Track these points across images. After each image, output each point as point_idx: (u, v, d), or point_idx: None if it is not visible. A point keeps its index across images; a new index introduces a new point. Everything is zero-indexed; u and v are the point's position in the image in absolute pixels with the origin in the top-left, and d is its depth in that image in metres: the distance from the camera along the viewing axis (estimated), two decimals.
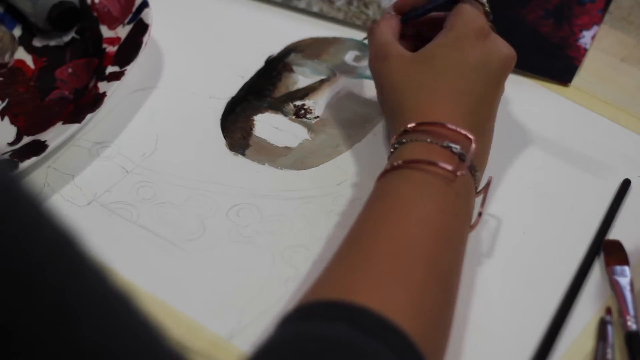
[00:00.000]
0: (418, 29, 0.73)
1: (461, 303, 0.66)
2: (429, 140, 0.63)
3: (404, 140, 0.64)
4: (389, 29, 0.71)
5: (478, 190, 0.66)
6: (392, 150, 0.65)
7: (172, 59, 0.82)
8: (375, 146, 0.75)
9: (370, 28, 0.72)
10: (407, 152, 0.63)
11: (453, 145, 0.62)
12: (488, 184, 0.66)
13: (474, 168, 0.64)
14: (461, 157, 0.63)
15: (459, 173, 0.61)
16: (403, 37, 0.73)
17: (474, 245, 0.69)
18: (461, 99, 0.65)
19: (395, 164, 0.63)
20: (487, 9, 0.70)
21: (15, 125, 0.76)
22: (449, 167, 0.61)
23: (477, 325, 0.65)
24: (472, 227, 0.65)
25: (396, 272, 0.57)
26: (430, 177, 0.62)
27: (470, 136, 0.63)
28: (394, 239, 0.59)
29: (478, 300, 0.66)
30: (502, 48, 0.68)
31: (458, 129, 0.63)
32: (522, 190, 0.73)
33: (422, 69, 0.67)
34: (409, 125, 0.64)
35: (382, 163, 0.73)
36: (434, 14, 0.72)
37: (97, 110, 0.73)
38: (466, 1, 0.69)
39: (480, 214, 0.65)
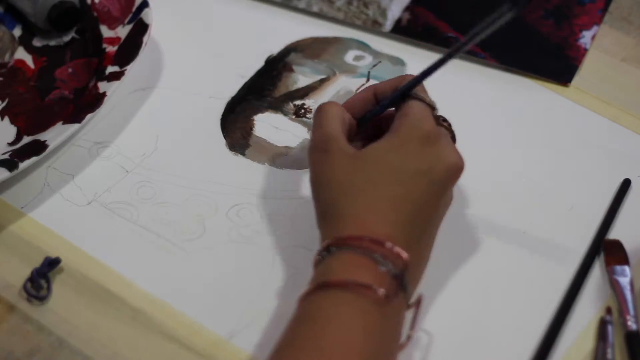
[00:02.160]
0: (374, 126, 0.68)
1: (461, 303, 0.66)
2: (357, 255, 0.58)
3: (332, 249, 0.59)
4: (338, 119, 0.65)
5: (409, 304, 0.61)
6: (317, 257, 0.61)
7: (172, 59, 0.82)
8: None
9: (318, 110, 0.66)
10: (334, 269, 0.59)
11: (384, 265, 0.58)
12: (419, 303, 0.61)
13: (405, 285, 0.59)
14: (393, 274, 0.58)
15: (385, 296, 0.57)
16: (357, 134, 0.68)
17: (477, 245, 0.69)
18: (397, 207, 0.60)
19: (320, 282, 0.58)
20: (436, 112, 0.65)
21: (15, 125, 0.76)
22: (380, 291, 0.57)
23: (477, 325, 0.65)
24: (401, 346, 0.60)
25: None
26: (357, 298, 0.57)
27: (404, 255, 0.59)
28: None
29: (478, 301, 0.66)
30: (449, 156, 0.62)
31: (392, 247, 0.59)
32: (522, 190, 0.73)
33: (360, 170, 0.61)
34: (339, 235, 0.60)
35: None
36: (390, 111, 0.67)
37: (97, 110, 0.73)
38: (414, 101, 0.64)
39: (409, 337, 0.60)
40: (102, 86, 0.75)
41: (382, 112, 0.67)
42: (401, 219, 0.60)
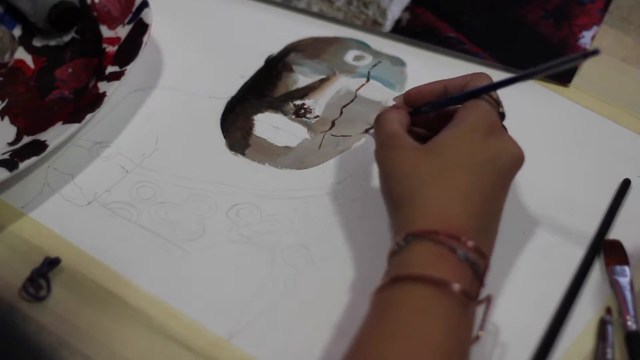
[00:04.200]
0: (425, 120, 0.70)
1: None
2: (435, 247, 0.59)
3: (409, 240, 0.60)
4: (397, 120, 0.67)
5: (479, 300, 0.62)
6: (394, 248, 0.61)
7: (172, 59, 0.82)
8: (374, 146, 0.75)
9: (378, 117, 0.68)
10: (413, 261, 0.59)
11: (464, 257, 0.59)
12: (489, 302, 0.61)
13: (483, 279, 0.60)
14: (473, 268, 0.59)
15: (462, 290, 0.58)
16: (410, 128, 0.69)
17: None
18: (470, 197, 0.62)
19: (399, 275, 0.59)
20: (502, 109, 0.67)
21: (15, 125, 0.76)
22: (456, 286, 0.58)
23: (477, 326, 0.65)
24: (475, 339, 0.60)
25: None
26: (437, 292, 0.58)
27: (482, 250, 0.60)
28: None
29: None
30: (513, 147, 0.64)
31: (467, 241, 0.59)
32: (522, 190, 0.73)
33: (432, 160, 0.63)
34: (416, 228, 0.60)
35: None
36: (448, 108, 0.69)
37: (97, 110, 0.73)
38: (481, 98, 0.66)
39: (481, 329, 0.60)
40: (102, 86, 0.75)
41: (447, 106, 0.68)
42: (473, 210, 0.61)
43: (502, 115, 0.67)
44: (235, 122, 0.77)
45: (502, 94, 0.80)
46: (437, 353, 0.56)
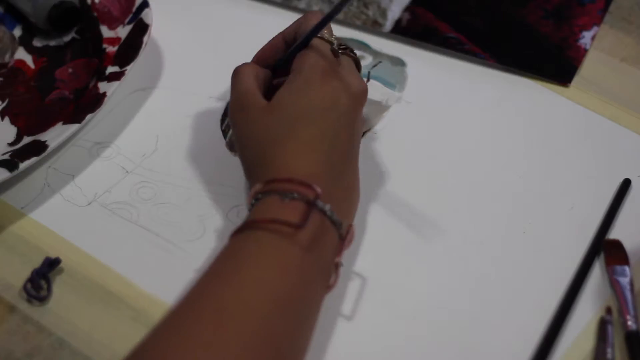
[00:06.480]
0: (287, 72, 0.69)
1: (461, 303, 0.66)
2: (280, 197, 0.60)
3: (258, 198, 0.61)
4: (252, 76, 0.67)
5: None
6: (249, 206, 0.62)
7: (172, 59, 0.82)
8: (374, 146, 0.75)
9: (234, 72, 0.68)
10: (257, 211, 0.61)
11: (298, 196, 0.60)
12: (347, 233, 0.62)
13: (334, 219, 0.60)
14: (325, 215, 0.60)
15: (296, 226, 0.58)
16: (276, 85, 0.69)
17: (477, 245, 0.69)
18: (313, 146, 0.62)
19: (241, 225, 0.60)
20: (334, 46, 0.66)
21: (15, 126, 0.77)
22: (291, 221, 0.58)
23: (477, 325, 0.65)
24: (329, 286, 0.61)
25: (220, 339, 0.54)
26: (273, 235, 0.58)
27: (316, 188, 0.59)
28: (223, 303, 0.55)
29: (478, 300, 0.66)
30: (351, 85, 0.65)
31: (302, 180, 0.60)
32: (522, 190, 0.73)
33: (274, 119, 0.63)
34: (260, 185, 0.61)
35: (382, 163, 0.72)
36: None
37: (97, 111, 0.73)
38: (312, 40, 0.66)
39: (336, 266, 0.61)
40: (102, 86, 0.75)
41: (291, 58, 0.68)
42: (318, 157, 0.62)
43: (335, 52, 0.66)
44: None
45: (501, 94, 0.80)
46: (270, 296, 0.56)
